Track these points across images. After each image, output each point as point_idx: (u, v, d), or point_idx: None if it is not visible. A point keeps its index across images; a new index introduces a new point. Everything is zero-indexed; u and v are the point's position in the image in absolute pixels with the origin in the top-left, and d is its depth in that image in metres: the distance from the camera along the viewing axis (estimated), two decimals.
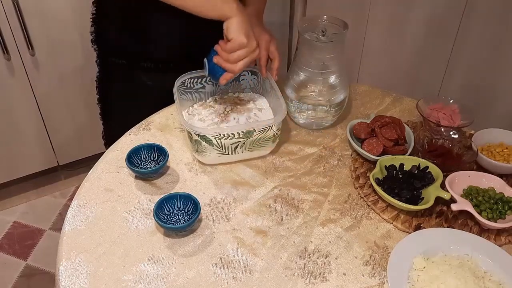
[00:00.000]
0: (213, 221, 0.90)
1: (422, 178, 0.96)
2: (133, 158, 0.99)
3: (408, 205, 0.90)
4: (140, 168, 0.99)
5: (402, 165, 0.99)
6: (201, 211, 0.92)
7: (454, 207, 0.89)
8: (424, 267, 0.80)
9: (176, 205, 0.90)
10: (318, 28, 1.06)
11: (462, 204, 0.89)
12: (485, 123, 1.11)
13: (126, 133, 1.09)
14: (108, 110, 1.29)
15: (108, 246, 0.84)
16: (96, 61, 1.23)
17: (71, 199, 1.93)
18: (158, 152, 1.00)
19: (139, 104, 1.22)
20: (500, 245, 0.86)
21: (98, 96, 1.28)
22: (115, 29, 1.04)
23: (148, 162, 1.00)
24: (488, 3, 1.73)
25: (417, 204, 0.91)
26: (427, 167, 0.98)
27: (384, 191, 0.93)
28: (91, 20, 1.19)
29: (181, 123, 1.10)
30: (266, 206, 0.94)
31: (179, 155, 1.05)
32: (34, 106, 1.86)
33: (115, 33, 1.04)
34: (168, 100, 1.12)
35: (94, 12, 1.17)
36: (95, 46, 1.21)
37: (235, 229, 0.89)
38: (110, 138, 1.29)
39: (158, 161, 1.00)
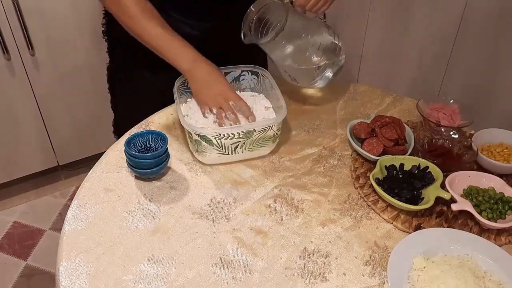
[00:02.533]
0: (213, 221, 0.90)
1: (422, 178, 0.96)
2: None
3: (408, 205, 0.90)
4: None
5: (402, 165, 0.99)
6: (202, 211, 0.92)
7: (454, 207, 0.89)
8: (424, 267, 0.80)
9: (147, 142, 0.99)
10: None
11: (462, 204, 0.89)
12: (485, 123, 1.12)
13: (126, 132, 1.09)
14: (115, 99, 1.35)
15: (108, 246, 0.84)
16: (107, 51, 1.28)
17: (71, 199, 1.93)
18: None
19: (141, 98, 1.25)
20: (500, 245, 0.86)
21: (108, 85, 1.33)
22: None
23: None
24: (488, 3, 1.73)
25: (417, 204, 0.91)
26: (427, 167, 0.98)
27: (384, 191, 0.93)
28: (103, 12, 1.22)
29: (181, 123, 1.10)
30: (266, 206, 0.94)
31: (179, 155, 1.05)
32: (34, 106, 1.86)
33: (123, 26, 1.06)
34: (168, 99, 1.12)
35: None
36: (106, 38, 1.26)
37: (235, 229, 0.89)
38: (117, 127, 1.37)
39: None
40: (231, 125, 1.00)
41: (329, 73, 1.15)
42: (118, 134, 1.34)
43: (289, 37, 1.05)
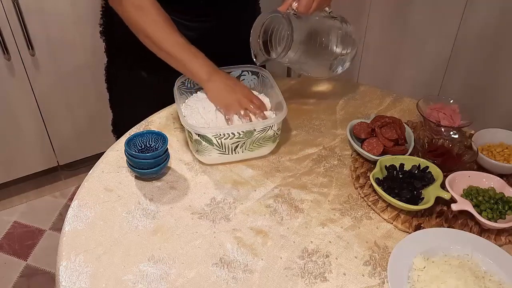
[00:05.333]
0: (213, 221, 0.90)
1: (422, 178, 0.96)
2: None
3: (408, 205, 0.90)
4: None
5: (402, 165, 0.99)
6: (202, 211, 0.92)
7: (454, 207, 0.89)
8: (424, 267, 0.80)
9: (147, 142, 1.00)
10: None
11: (462, 204, 0.89)
12: (485, 123, 1.12)
13: (126, 133, 1.09)
14: (113, 99, 1.35)
15: (108, 246, 0.84)
16: (105, 52, 1.28)
17: (71, 199, 1.94)
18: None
19: (140, 98, 1.26)
20: (500, 245, 0.86)
21: (106, 85, 1.33)
22: (121, 23, 1.07)
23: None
24: (488, 3, 1.73)
25: (417, 204, 0.91)
26: (427, 167, 0.98)
27: (384, 191, 0.93)
28: (101, 12, 1.23)
29: (181, 123, 1.10)
30: (266, 206, 0.94)
31: (179, 155, 1.05)
32: (34, 106, 1.86)
33: (121, 27, 1.06)
34: (167, 99, 1.12)
35: (104, 5, 1.21)
36: (103, 38, 1.26)
37: (235, 229, 0.89)
38: (117, 127, 1.37)
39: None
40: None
41: (347, 61, 1.13)
42: (118, 134, 1.34)
43: (300, 41, 1.04)
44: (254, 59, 1.06)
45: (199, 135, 0.96)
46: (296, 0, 1.00)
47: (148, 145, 1.01)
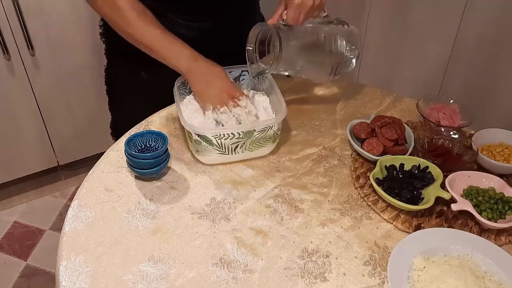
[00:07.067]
0: (213, 221, 0.90)
1: (422, 178, 0.96)
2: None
3: (408, 205, 0.90)
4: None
5: (402, 165, 0.99)
6: (202, 211, 0.92)
7: (454, 207, 0.89)
8: (424, 267, 0.80)
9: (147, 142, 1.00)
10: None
11: (462, 204, 0.89)
12: (485, 123, 1.12)
13: (126, 133, 1.09)
14: (113, 101, 1.34)
15: (108, 246, 0.84)
16: (105, 53, 1.27)
17: (71, 199, 1.94)
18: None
19: (140, 99, 1.25)
20: (500, 245, 0.86)
21: (106, 87, 1.33)
22: None
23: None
24: (488, 3, 1.73)
25: (417, 204, 0.91)
26: (427, 167, 0.98)
27: (384, 191, 0.93)
28: None
29: (181, 123, 1.10)
30: (266, 206, 0.94)
31: (179, 155, 1.05)
32: (34, 106, 1.86)
33: None
34: (167, 99, 1.12)
35: None
36: (103, 40, 1.25)
37: (235, 229, 0.89)
38: (115, 129, 1.36)
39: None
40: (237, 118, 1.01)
41: (350, 63, 1.12)
42: (116, 136, 1.33)
43: (293, 51, 1.04)
44: (249, 72, 1.06)
45: (199, 135, 0.96)
46: (286, 11, 1.01)
47: (148, 145, 1.01)
